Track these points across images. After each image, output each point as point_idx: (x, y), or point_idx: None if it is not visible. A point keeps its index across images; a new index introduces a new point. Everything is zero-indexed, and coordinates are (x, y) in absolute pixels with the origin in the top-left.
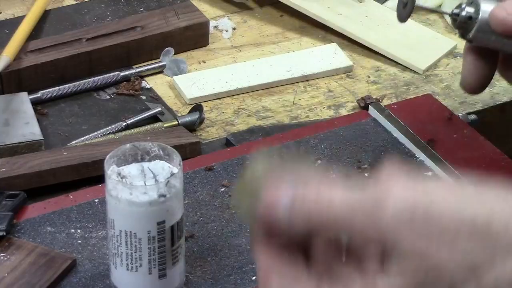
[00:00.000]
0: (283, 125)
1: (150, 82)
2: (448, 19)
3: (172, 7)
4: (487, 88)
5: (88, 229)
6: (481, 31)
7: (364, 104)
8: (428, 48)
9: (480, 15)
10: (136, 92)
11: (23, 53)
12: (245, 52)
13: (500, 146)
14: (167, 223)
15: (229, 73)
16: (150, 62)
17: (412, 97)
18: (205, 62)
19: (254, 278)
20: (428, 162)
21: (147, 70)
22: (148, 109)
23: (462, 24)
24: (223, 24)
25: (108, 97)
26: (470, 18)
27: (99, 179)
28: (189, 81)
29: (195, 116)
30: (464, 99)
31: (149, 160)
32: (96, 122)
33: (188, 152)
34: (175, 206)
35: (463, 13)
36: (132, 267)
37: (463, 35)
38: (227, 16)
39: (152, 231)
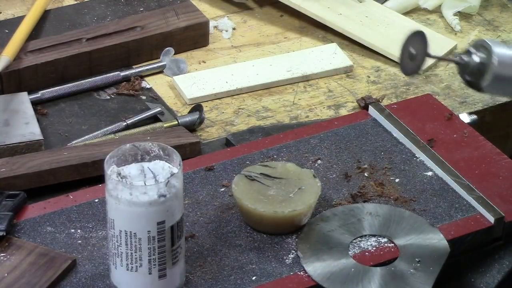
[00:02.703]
0: (283, 125)
1: (150, 82)
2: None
3: (172, 7)
4: None
5: (88, 229)
6: (497, 79)
7: (364, 104)
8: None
9: (493, 60)
10: (136, 92)
11: (23, 53)
12: (245, 52)
13: (500, 146)
14: (167, 223)
15: (229, 73)
16: (150, 62)
17: (412, 97)
18: (205, 62)
19: (254, 278)
20: (428, 162)
21: (147, 70)
22: (148, 109)
23: (471, 72)
24: (223, 24)
25: (108, 97)
26: (482, 65)
27: (99, 179)
28: (189, 81)
29: (195, 116)
30: (464, 99)
31: (149, 160)
32: (96, 122)
33: (188, 152)
34: (175, 206)
35: (474, 59)
36: (132, 267)
37: (471, 84)
38: (227, 16)
39: (152, 231)
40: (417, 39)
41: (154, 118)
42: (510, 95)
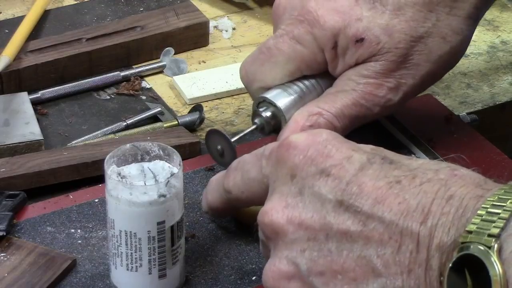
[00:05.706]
0: None
1: (150, 82)
2: None
3: (172, 7)
4: (487, 88)
5: (88, 229)
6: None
7: None
8: None
9: (281, 108)
10: (136, 92)
11: (23, 53)
12: (245, 52)
13: (500, 146)
14: (167, 223)
15: (229, 73)
16: (150, 62)
17: None
18: (205, 62)
19: (254, 278)
20: None
21: (147, 70)
22: (148, 109)
23: (273, 127)
24: (223, 24)
25: (108, 97)
26: (274, 116)
27: (99, 179)
28: (189, 81)
29: (195, 116)
30: (464, 99)
31: (149, 160)
32: (96, 122)
33: (188, 152)
34: (175, 206)
35: (265, 115)
36: (132, 267)
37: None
38: (227, 16)
39: (152, 231)
40: (215, 136)
41: (154, 118)
42: None
